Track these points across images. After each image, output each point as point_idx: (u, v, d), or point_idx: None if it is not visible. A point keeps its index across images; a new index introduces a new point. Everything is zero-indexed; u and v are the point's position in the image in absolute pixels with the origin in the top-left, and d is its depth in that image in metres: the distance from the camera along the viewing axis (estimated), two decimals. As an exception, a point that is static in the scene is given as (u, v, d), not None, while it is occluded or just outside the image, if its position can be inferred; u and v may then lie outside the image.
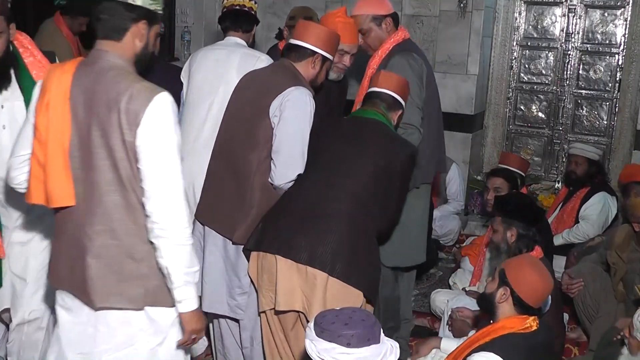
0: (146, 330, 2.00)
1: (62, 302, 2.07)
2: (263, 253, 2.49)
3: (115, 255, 1.93)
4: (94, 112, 1.88)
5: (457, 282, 4.07)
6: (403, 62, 2.99)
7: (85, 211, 1.93)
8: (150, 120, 1.83)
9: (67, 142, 1.90)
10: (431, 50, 5.49)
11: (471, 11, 5.43)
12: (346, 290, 2.40)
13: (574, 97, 5.80)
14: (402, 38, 3.15)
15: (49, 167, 1.90)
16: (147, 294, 1.95)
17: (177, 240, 1.89)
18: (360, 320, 1.72)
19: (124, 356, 2.00)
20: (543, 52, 5.85)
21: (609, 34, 5.61)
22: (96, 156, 1.89)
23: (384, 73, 2.84)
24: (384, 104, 2.73)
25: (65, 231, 1.98)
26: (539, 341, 2.35)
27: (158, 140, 1.85)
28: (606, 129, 5.72)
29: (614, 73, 5.61)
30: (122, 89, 1.85)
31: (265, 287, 2.52)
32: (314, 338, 1.71)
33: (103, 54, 1.93)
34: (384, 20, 3.12)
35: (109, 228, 1.92)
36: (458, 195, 5.22)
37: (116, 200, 1.90)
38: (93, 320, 1.99)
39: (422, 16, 5.57)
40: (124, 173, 1.88)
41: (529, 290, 2.33)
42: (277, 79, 2.64)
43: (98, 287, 1.93)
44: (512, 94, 5.99)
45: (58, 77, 1.91)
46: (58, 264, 2.03)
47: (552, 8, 5.78)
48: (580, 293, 3.55)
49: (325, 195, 2.48)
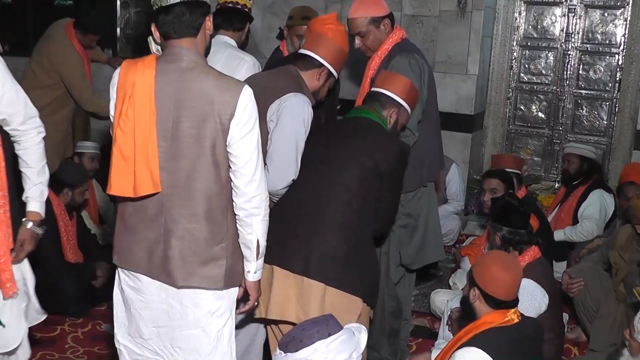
0: (214, 313, 2.16)
1: (131, 284, 2.22)
2: None
3: (198, 237, 2.09)
4: (183, 105, 2.03)
5: (457, 283, 4.07)
6: (404, 62, 2.98)
7: (170, 196, 2.08)
8: (241, 109, 2.02)
9: (154, 131, 2.03)
10: (431, 50, 5.49)
11: (471, 11, 5.43)
12: (344, 297, 2.40)
13: (574, 97, 5.80)
14: (400, 38, 3.13)
15: (138, 157, 2.02)
16: (225, 275, 2.12)
17: (265, 215, 2.12)
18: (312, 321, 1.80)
19: (194, 334, 2.17)
20: (543, 52, 5.85)
21: (609, 34, 5.61)
22: (186, 145, 2.04)
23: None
24: (377, 103, 2.73)
25: (144, 216, 2.12)
26: (524, 334, 2.36)
27: (249, 126, 2.05)
28: (606, 129, 5.72)
29: (614, 73, 5.61)
30: (212, 83, 2.03)
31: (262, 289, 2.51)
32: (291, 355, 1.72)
33: (184, 51, 2.08)
34: (382, 21, 3.08)
35: (193, 212, 2.07)
36: (458, 195, 5.22)
37: (204, 185, 2.07)
38: (165, 298, 2.16)
39: (422, 16, 5.57)
40: (215, 160, 2.05)
41: (494, 284, 2.36)
42: (279, 84, 2.62)
43: (181, 267, 2.09)
44: (512, 94, 5.99)
45: (140, 72, 2.04)
46: (132, 249, 2.16)
47: (552, 8, 5.78)
48: (581, 293, 3.55)
49: (317, 202, 2.47)
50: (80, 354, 3.47)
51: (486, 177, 4.07)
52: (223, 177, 2.08)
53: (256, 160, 2.07)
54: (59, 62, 4.78)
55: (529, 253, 3.03)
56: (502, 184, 3.94)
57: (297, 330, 1.76)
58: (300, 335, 1.72)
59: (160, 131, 2.04)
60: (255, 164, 2.07)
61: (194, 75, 2.04)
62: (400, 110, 2.75)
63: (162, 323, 2.21)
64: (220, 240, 2.11)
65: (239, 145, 2.04)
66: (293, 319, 2.39)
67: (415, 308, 4.09)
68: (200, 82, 2.03)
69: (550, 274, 3.21)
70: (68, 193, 3.98)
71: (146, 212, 2.11)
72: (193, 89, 2.03)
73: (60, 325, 3.73)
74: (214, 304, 2.16)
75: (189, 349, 2.20)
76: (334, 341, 1.71)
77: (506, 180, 3.98)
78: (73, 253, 4.00)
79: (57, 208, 3.91)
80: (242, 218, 2.10)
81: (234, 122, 2.02)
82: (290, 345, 1.72)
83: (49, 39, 4.87)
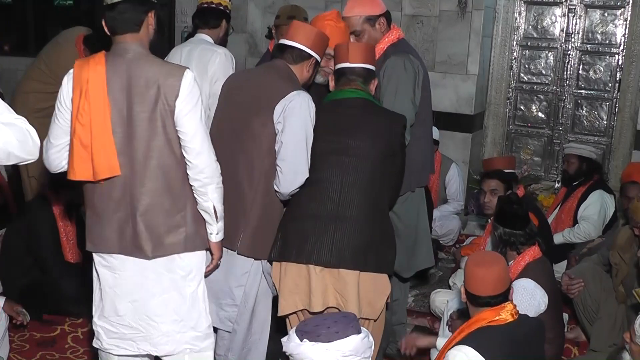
0: (187, 276, 2.41)
1: (104, 263, 2.41)
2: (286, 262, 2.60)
3: (160, 210, 2.32)
4: (133, 92, 2.25)
5: (457, 282, 4.07)
6: (399, 63, 2.93)
7: (131, 177, 2.30)
8: (184, 90, 2.26)
9: (109, 121, 2.24)
10: (431, 50, 5.49)
11: (471, 11, 5.43)
12: (375, 278, 2.60)
13: (574, 97, 5.80)
14: (396, 38, 3.07)
15: (95, 145, 2.24)
16: (188, 239, 2.36)
17: (218, 183, 2.35)
18: (342, 315, 1.88)
19: (170, 298, 2.40)
20: (543, 52, 5.85)
21: (609, 34, 5.61)
22: (140, 128, 2.26)
23: (351, 45, 2.73)
24: (360, 79, 2.67)
25: (110, 200, 2.33)
26: (520, 333, 2.35)
27: (191, 104, 2.27)
28: (606, 129, 5.72)
29: (613, 73, 5.61)
30: (157, 70, 2.26)
31: (289, 290, 2.58)
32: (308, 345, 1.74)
33: (128, 45, 2.30)
34: (377, 20, 3.01)
35: (154, 187, 2.30)
36: (458, 195, 5.22)
37: (160, 162, 2.29)
38: (140, 271, 2.37)
39: (422, 16, 5.57)
40: (167, 138, 2.28)
41: (471, 280, 2.38)
42: (276, 82, 2.61)
43: (149, 240, 2.32)
44: (512, 94, 5.99)
45: (92, 69, 2.25)
46: (104, 233, 2.36)
47: (552, 8, 5.78)
48: (581, 294, 3.55)
49: (339, 197, 2.56)
50: (80, 354, 3.47)
51: (485, 178, 4.06)
52: (177, 153, 2.30)
53: (202, 134, 2.30)
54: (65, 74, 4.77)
55: (529, 253, 3.02)
56: (502, 184, 3.94)
57: (320, 322, 1.78)
58: (320, 331, 1.74)
59: (115, 119, 2.26)
60: (201, 138, 2.30)
61: (140, 65, 2.27)
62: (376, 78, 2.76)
63: (137, 296, 2.40)
64: (180, 209, 2.34)
65: (184, 122, 2.27)
66: (334, 304, 2.56)
67: (415, 308, 4.09)
68: (147, 71, 2.26)
69: (551, 274, 3.21)
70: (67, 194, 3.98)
71: (111, 195, 2.32)
72: (141, 77, 2.26)
73: (60, 325, 3.73)
74: (185, 268, 2.40)
75: (166, 312, 2.41)
76: (350, 342, 1.74)
77: (505, 180, 3.98)
78: (73, 253, 4.00)
79: (56, 208, 3.91)
80: (197, 188, 2.33)
81: (178, 101, 2.25)
82: (322, 337, 1.75)
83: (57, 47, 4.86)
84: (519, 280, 2.92)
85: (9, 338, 3.30)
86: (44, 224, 3.87)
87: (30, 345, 3.52)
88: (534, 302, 2.88)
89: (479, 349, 2.26)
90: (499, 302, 2.35)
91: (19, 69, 5.45)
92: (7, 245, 3.97)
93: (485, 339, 2.30)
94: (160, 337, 2.42)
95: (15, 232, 3.95)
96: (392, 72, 2.90)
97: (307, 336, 1.78)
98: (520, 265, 3.00)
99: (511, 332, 2.34)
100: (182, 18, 6.18)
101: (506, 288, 2.38)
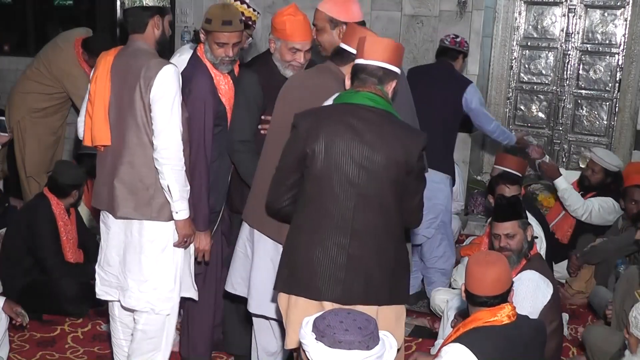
0: (153, 241, 2.78)
1: (103, 219, 2.91)
2: None
3: (132, 180, 2.74)
4: (125, 80, 2.70)
5: (458, 279, 4.06)
6: None
7: (116, 149, 2.75)
8: (158, 82, 2.65)
9: (107, 101, 2.75)
10: (431, 50, 5.48)
11: (471, 11, 5.43)
12: (394, 309, 2.41)
13: (574, 97, 5.80)
14: None
15: (94, 118, 2.77)
16: (153, 209, 2.75)
17: (175, 166, 2.69)
18: (365, 320, 1.77)
19: (140, 259, 2.79)
20: (543, 52, 5.85)
21: (609, 34, 5.61)
22: (124, 110, 2.72)
23: (368, 39, 2.38)
24: (374, 79, 2.34)
25: (104, 165, 2.83)
26: (517, 335, 2.34)
27: (160, 94, 2.65)
28: (606, 129, 5.72)
29: (613, 73, 5.61)
30: (143, 63, 2.68)
31: (299, 324, 2.20)
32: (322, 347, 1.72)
33: (133, 42, 2.78)
34: (339, 25, 2.93)
35: (129, 160, 2.73)
36: (458, 196, 5.20)
37: (135, 140, 2.71)
38: (123, 230, 2.82)
39: (422, 16, 5.57)
40: (140, 121, 2.69)
41: (469, 278, 2.37)
42: (327, 82, 2.63)
43: (120, 203, 2.75)
44: (512, 94, 5.99)
45: (104, 59, 2.79)
46: (98, 190, 2.88)
47: (552, 8, 5.78)
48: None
49: (350, 224, 2.29)
50: (80, 354, 3.47)
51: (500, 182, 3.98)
52: (149, 135, 2.69)
53: (165, 120, 2.66)
54: (64, 76, 4.80)
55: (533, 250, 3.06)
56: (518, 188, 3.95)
57: (335, 324, 1.74)
58: (340, 336, 1.71)
59: (112, 100, 2.75)
60: (163, 123, 2.66)
61: (135, 58, 2.72)
62: (397, 79, 2.42)
63: (120, 251, 2.84)
64: (151, 184, 2.73)
65: (153, 108, 2.66)
66: None
67: (415, 308, 4.09)
68: (138, 62, 2.68)
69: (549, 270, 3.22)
70: (76, 194, 3.99)
71: (104, 161, 2.83)
72: (133, 67, 2.69)
73: (60, 325, 3.73)
74: (152, 234, 2.77)
75: (135, 270, 2.80)
76: (351, 356, 1.71)
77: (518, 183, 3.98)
78: (73, 253, 4.00)
79: (56, 208, 3.91)
80: (156, 166, 2.70)
81: (152, 89, 2.65)
82: (326, 339, 1.72)
83: (56, 49, 4.86)
84: (523, 273, 2.94)
85: (9, 338, 3.30)
86: (44, 224, 3.87)
87: (30, 345, 3.52)
88: (539, 292, 2.89)
89: (472, 348, 2.26)
90: (497, 303, 2.34)
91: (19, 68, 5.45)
92: (7, 245, 3.97)
93: (479, 339, 2.30)
94: (128, 291, 2.81)
95: (15, 232, 3.95)
96: None
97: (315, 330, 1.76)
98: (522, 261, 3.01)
99: (507, 334, 2.33)
100: (182, 18, 6.18)
101: (505, 289, 2.37)
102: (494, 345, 2.29)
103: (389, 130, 2.30)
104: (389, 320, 2.36)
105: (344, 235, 2.29)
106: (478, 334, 2.32)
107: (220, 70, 3.02)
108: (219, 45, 2.94)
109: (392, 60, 2.36)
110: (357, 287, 2.29)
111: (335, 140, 2.29)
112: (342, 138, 2.29)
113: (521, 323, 2.39)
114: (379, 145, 2.27)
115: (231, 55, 2.97)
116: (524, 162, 4.40)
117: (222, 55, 2.95)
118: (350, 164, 2.28)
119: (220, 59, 2.97)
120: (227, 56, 2.96)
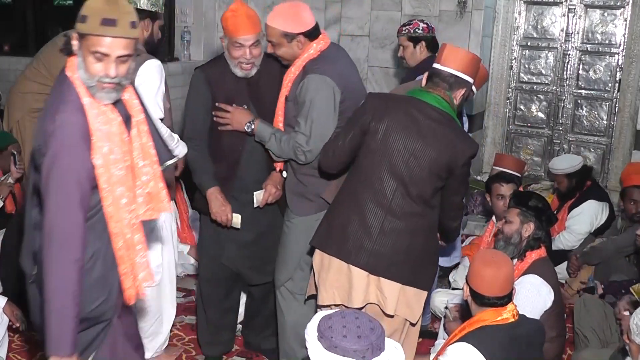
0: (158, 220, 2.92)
1: None
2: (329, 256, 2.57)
3: None
4: None
5: (458, 280, 4.07)
6: (313, 86, 2.76)
7: None
8: (141, 74, 2.80)
9: None
10: (431, 50, 5.48)
11: (471, 11, 5.43)
12: (416, 292, 2.55)
13: (574, 97, 5.80)
14: (318, 52, 2.86)
15: None
16: None
17: None
18: (369, 329, 1.72)
19: None
20: (543, 52, 5.86)
21: (609, 34, 5.61)
22: None
23: (448, 47, 2.57)
24: (445, 85, 2.53)
25: None
26: (520, 334, 2.35)
27: (146, 86, 2.75)
28: (606, 129, 5.72)
29: (613, 73, 5.61)
30: None
31: (330, 283, 2.56)
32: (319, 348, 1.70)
33: None
34: (296, 37, 2.82)
35: None
36: (458, 196, 5.21)
37: None
38: None
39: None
40: None
41: (476, 278, 2.37)
42: None
43: None
44: (512, 94, 5.99)
45: None
46: None
47: (552, 8, 5.78)
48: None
49: (389, 203, 2.49)
50: (80, 354, 3.47)
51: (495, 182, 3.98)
52: None
53: (153, 107, 2.70)
54: None
55: (536, 251, 3.04)
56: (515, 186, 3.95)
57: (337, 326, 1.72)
58: (337, 341, 1.69)
59: None
60: (153, 110, 2.65)
61: None
62: (468, 88, 2.59)
63: None
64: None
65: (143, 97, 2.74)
66: (374, 301, 2.53)
67: (415, 308, 4.09)
68: None
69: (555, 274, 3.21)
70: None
71: None
72: None
73: (60, 326, 3.72)
74: None
75: None
76: None
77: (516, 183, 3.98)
78: (73, 253, 3.99)
79: (57, 208, 3.90)
80: None
81: (136, 82, 2.69)
82: (324, 341, 1.71)
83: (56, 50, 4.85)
84: (525, 277, 2.93)
85: (9, 338, 3.30)
86: (44, 224, 3.86)
87: (30, 345, 3.52)
88: (540, 299, 2.88)
89: (479, 347, 2.27)
90: (505, 303, 2.36)
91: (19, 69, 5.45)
92: (7, 245, 3.97)
93: (486, 338, 2.31)
94: None
95: (15, 232, 3.95)
96: (307, 94, 2.76)
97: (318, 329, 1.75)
98: (527, 262, 3.00)
99: (512, 332, 2.35)
100: (182, 18, 6.18)
101: (511, 289, 2.40)
102: (500, 344, 2.30)
103: (445, 131, 2.49)
104: (409, 296, 2.53)
105: (382, 211, 2.49)
106: (484, 333, 2.33)
107: (99, 98, 2.00)
108: (97, 59, 2.01)
109: (466, 70, 2.54)
110: (382, 261, 2.48)
111: (396, 126, 2.49)
112: (403, 126, 2.49)
113: (523, 321, 2.41)
114: (431, 141, 2.47)
115: (121, 73, 1.99)
116: (522, 162, 4.42)
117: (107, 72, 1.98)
118: (402, 150, 2.48)
119: (99, 78, 1.98)
120: (115, 75, 1.98)
